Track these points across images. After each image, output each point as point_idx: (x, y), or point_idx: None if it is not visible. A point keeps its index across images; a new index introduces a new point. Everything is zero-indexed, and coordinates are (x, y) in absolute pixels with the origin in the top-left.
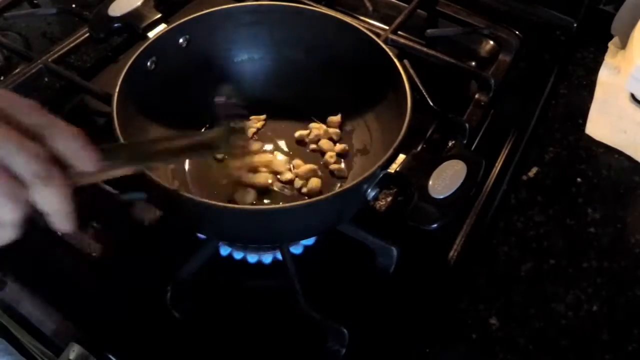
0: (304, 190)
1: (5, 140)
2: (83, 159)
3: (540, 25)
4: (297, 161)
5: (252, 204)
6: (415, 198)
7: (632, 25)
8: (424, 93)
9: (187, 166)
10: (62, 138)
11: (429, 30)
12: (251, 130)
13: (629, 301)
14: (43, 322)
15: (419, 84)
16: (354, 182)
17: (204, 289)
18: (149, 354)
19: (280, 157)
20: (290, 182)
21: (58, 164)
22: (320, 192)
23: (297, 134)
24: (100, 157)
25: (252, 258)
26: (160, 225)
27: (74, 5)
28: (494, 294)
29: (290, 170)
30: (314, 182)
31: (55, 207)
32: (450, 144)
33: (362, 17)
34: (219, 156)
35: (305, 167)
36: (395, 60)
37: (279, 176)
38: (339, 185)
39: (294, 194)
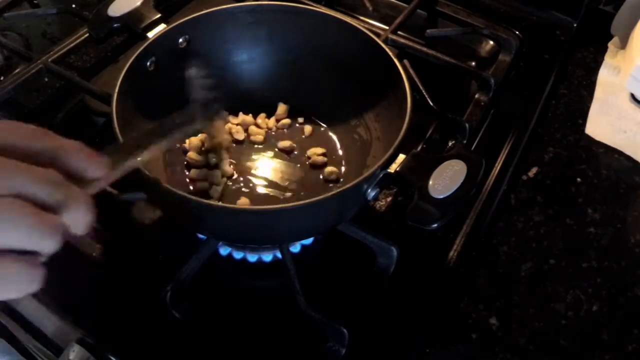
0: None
1: (16, 173)
2: (93, 167)
3: (540, 25)
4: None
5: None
6: (415, 198)
7: (632, 25)
8: (424, 93)
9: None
10: (70, 155)
11: (429, 30)
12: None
13: (629, 301)
14: (43, 322)
15: (419, 84)
16: (354, 182)
17: (204, 289)
18: (149, 354)
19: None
20: None
21: (73, 179)
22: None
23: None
24: (106, 160)
25: (251, 258)
26: (160, 225)
27: (74, 5)
28: (494, 294)
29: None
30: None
31: (83, 220)
32: (450, 144)
33: (362, 17)
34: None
35: None
36: (395, 60)
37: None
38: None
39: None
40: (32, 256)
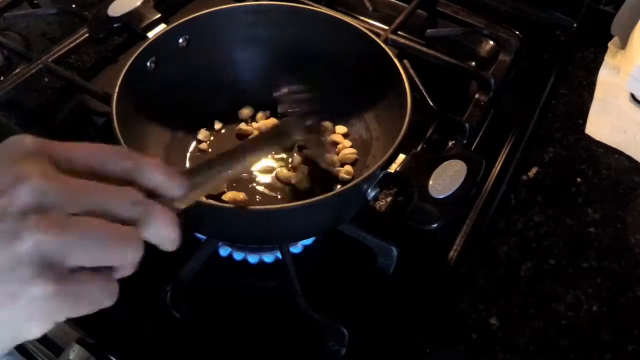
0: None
1: (93, 192)
2: (173, 184)
3: (540, 25)
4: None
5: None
6: (415, 198)
7: (632, 25)
8: (424, 93)
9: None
10: (150, 172)
11: (429, 30)
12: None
13: (629, 301)
14: None
15: (419, 84)
16: (354, 182)
17: (204, 289)
18: (149, 354)
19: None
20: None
21: (154, 197)
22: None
23: None
24: (187, 179)
25: (252, 259)
26: None
27: (74, 5)
28: (494, 294)
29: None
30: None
31: (167, 236)
32: (450, 144)
33: (362, 17)
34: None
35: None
36: (395, 60)
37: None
38: (339, 185)
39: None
40: (107, 271)
